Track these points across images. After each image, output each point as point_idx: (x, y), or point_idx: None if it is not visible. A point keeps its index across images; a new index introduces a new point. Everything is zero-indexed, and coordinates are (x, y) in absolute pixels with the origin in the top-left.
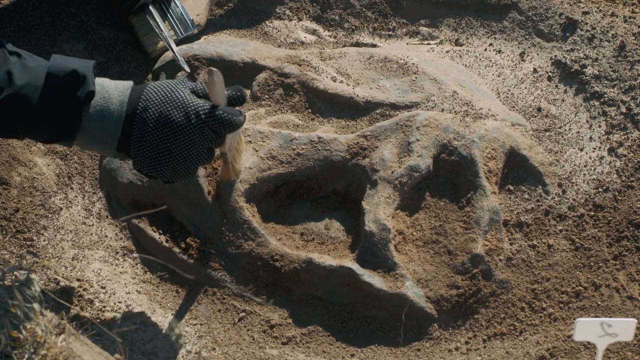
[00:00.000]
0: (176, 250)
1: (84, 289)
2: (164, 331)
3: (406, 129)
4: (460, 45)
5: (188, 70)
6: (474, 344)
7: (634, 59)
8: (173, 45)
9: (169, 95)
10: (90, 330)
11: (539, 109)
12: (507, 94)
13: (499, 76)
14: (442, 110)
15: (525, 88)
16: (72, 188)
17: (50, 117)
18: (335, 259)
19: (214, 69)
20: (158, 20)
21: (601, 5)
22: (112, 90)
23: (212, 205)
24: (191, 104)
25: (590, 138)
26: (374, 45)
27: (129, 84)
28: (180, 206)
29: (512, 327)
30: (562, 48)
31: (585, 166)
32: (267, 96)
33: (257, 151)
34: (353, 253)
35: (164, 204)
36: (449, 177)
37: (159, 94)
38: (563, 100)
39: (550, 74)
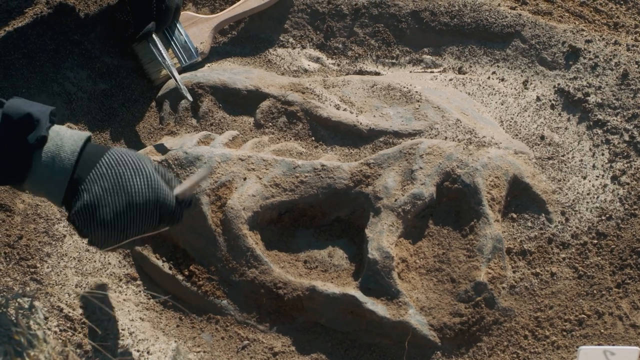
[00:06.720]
0: (180, 277)
1: (87, 316)
2: (167, 359)
3: (409, 157)
4: (464, 74)
5: (190, 98)
6: None
7: (637, 87)
8: (175, 73)
9: (135, 163)
10: (94, 358)
11: (542, 137)
12: (510, 122)
13: (502, 104)
14: (445, 138)
15: (529, 116)
16: None
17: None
18: (338, 287)
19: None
20: (161, 48)
21: (604, 34)
22: (66, 138)
23: (216, 232)
24: (155, 180)
25: (594, 166)
26: (378, 73)
27: (85, 134)
28: (184, 233)
29: (515, 355)
30: (565, 76)
31: (588, 194)
32: (270, 124)
33: (260, 179)
34: (356, 281)
35: (166, 233)
36: (452, 205)
37: (122, 157)
38: (566, 129)
39: (553, 102)
